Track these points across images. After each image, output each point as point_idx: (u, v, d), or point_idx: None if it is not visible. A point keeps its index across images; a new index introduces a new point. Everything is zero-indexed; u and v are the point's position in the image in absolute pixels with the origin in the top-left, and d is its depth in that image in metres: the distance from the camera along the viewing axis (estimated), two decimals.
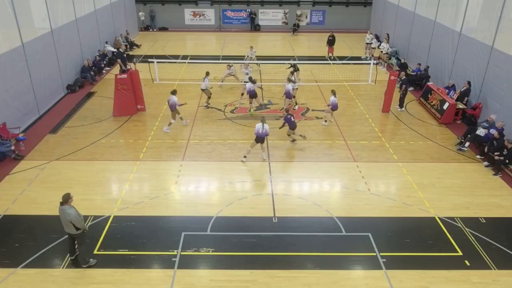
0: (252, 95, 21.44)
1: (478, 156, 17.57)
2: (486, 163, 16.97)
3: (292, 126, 18.18)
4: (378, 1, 37.74)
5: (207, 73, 22.60)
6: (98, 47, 29.39)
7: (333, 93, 20.25)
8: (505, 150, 16.25)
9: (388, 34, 31.71)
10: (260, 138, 16.86)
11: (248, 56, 28.98)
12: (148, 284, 11.02)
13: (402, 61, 27.55)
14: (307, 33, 41.59)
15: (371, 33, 32.94)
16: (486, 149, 17.08)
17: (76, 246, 11.53)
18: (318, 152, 17.88)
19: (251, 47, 29.39)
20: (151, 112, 21.75)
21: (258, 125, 16.79)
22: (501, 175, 16.24)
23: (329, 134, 19.49)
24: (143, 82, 22.40)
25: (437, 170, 16.58)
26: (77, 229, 11.05)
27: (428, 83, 23.79)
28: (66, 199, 10.83)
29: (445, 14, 24.84)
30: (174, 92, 19.65)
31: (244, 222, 13.46)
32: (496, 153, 16.42)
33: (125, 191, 14.95)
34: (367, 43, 32.42)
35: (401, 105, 22.49)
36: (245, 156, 17.11)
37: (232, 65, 25.48)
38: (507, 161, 16.19)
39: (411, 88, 25.16)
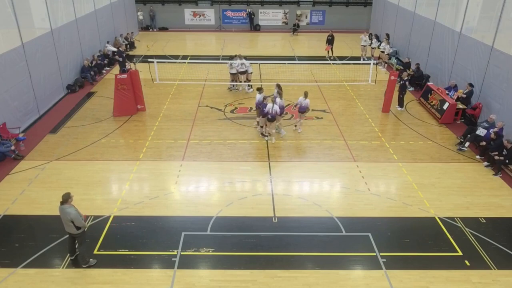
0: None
1: (478, 156, 17.57)
2: (486, 163, 16.97)
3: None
4: (378, 1, 37.74)
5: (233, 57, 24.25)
6: (98, 47, 29.35)
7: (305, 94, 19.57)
8: (505, 150, 16.27)
9: (387, 34, 31.68)
10: (271, 118, 18.33)
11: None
12: (148, 284, 11.03)
13: (407, 60, 27.52)
14: (307, 33, 41.57)
15: (369, 33, 32.79)
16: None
17: (76, 246, 11.54)
18: (318, 152, 17.88)
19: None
20: (151, 112, 21.73)
21: (269, 105, 18.27)
22: (501, 175, 16.25)
23: (329, 134, 19.48)
24: (143, 82, 22.40)
25: (437, 170, 16.60)
26: (78, 228, 11.06)
27: (428, 83, 23.78)
28: (66, 199, 10.84)
29: (445, 14, 24.85)
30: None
31: (244, 222, 13.49)
32: (495, 153, 16.44)
33: (125, 191, 14.95)
34: (362, 45, 32.12)
35: (400, 105, 22.51)
36: (264, 134, 19.02)
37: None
38: (507, 161, 16.19)
39: (411, 88, 25.18)
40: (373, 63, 23.28)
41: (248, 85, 24.81)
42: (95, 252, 12.04)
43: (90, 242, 12.24)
